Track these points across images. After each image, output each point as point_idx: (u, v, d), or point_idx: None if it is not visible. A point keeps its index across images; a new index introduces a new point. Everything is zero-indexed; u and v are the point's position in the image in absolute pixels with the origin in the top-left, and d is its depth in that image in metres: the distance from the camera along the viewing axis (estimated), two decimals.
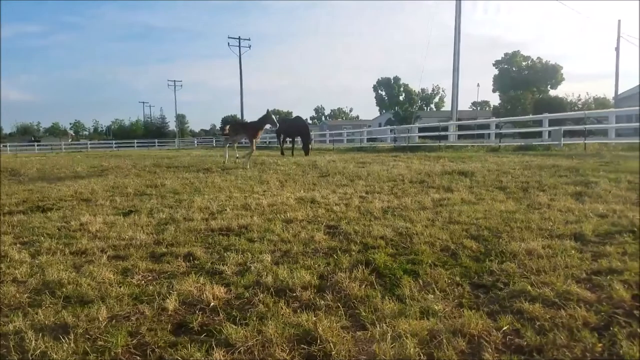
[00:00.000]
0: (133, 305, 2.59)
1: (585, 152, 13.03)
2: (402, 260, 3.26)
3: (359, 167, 10.80)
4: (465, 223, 4.33)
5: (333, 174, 9.02)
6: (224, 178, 9.03)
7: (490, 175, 7.87)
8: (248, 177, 9.14)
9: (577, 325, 2.15)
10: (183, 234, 4.23)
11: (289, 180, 8.39)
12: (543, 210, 4.77)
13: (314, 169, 10.32)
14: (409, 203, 5.49)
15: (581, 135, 15.91)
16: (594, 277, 2.73)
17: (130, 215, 5.23)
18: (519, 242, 3.53)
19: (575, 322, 2.19)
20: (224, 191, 7.09)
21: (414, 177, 8.02)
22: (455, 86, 26.81)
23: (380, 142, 31.65)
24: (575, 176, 7.06)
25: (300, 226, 4.40)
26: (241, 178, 8.84)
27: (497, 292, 2.62)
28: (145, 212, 5.44)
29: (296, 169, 10.67)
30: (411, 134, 27.21)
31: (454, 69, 25.73)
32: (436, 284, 2.76)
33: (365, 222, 4.48)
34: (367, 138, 34.21)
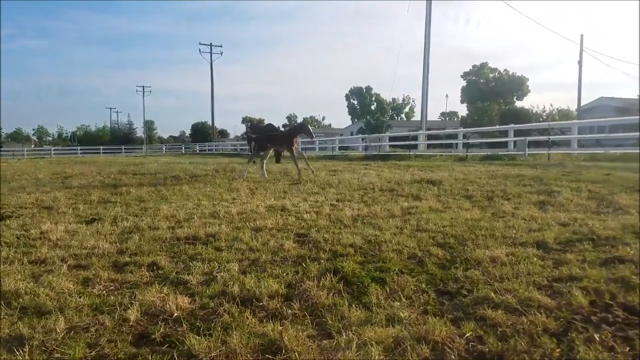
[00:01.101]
0: (93, 316, 2.51)
1: (549, 162, 13.53)
2: (370, 267, 3.29)
3: (331, 175, 10.86)
4: (433, 231, 4.41)
5: (304, 182, 9.01)
6: (192, 185, 8.89)
7: (457, 184, 8.05)
8: (217, 184, 9.03)
9: (537, 331, 2.21)
10: (147, 242, 4.14)
11: (259, 188, 8.34)
12: (507, 218, 4.91)
13: (285, 177, 10.29)
14: (379, 211, 5.56)
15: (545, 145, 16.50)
16: (555, 284, 2.82)
17: (93, 224, 5.09)
18: (484, 250, 3.62)
19: (535, 328, 2.25)
20: (192, 199, 6.98)
21: (384, 186, 8.11)
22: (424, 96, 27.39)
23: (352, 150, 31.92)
24: (539, 185, 7.31)
25: (269, 234, 4.37)
26: (210, 186, 8.72)
27: (461, 299, 2.66)
28: (109, 220, 5.29)
29: (267, 176, 10.61)
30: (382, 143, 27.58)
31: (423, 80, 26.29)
32: (403, 291, 2.79)
33: (335, 230, 4.50)
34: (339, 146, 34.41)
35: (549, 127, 18.51)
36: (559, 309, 2.44)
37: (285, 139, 11.18)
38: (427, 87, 26.66)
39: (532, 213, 5.10)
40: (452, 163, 15.48)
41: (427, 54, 26.47)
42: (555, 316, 2.35)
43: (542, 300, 2.55)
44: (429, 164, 15.06)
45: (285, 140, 11.16)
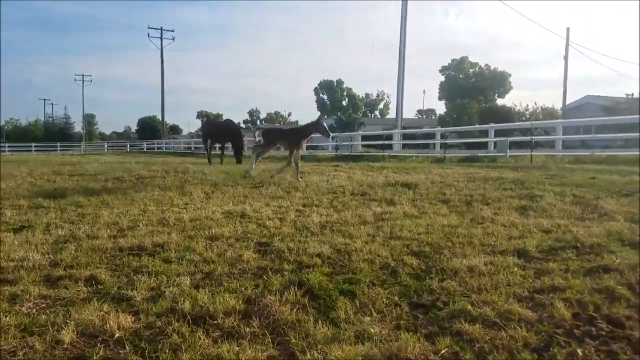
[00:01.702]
0: (21, 338, 2.42)
1: (532, 165, 14.01)
2: (338, 279, 3.31)
3: None
4: (407, 238, 4.49)
5: (267, 185, 8.99)
6: (138, 189, 8.70)
7: (434, 187, 8.22)
8: (167, 187, 8.86)
9: (517, 347, 2.28)
10: (85, 253, 4.03)
11: (216, 191, 8.25)
12: (486, 224, 5.05)
13: (246, 179, 10.23)
14: (349, 217, 5.61)
15: (528, 146, 17.08)
16: (536, 296, 2.92)
17: (22, 232, 4.91)
18: (461, 259, 3.70)
19: (515, 343, 2.31)
20: (137, 204, 6.84)
21: (356, 189, 8.19)
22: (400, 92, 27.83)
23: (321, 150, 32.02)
24: (521, 189, 7.56)
25: (226, 244, 4.33)
26: (158, 189, 8.55)
27: (436, 312, 2.72)
28: (40, 228, 5.12)
29: (225, 179, 10.51)
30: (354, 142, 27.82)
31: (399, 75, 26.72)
32: (373, 304, 2.82)
33: (301, 239, 4.51)
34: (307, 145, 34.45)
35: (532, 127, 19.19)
36: (540, 322, 2.53)
37: (297, 137, 10.85)
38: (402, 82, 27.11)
39: (513, 219, 5.26)
40: (429, 165, 15.81)
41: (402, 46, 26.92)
42: (537, 330, 2.43)
43: (523, 312, 2.63)
44: (405, 165, 15.32)
45: (297, 138, 10.84)
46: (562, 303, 2.74)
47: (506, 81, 61.27)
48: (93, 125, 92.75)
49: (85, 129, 77.67)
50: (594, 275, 3.25)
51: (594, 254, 3.77)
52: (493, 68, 61.68)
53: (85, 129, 77.17)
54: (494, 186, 8.17)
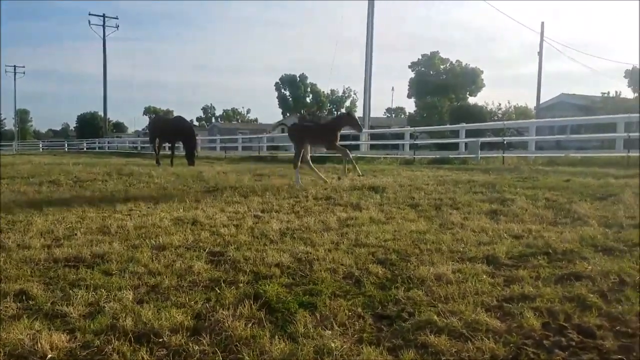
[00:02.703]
0: None
1: (504, 167, 14.43)
2: (298, 291, 3.32)
3: (256, 180, 10.82)
4: (373, 245, 4.55)
5: (222, 189, 8.91)
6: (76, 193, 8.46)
7: (402, 191, 8.35)
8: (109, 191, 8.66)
9: (484, 359, 2.34)
10: (15, 265, 3.91)
11: (164, 196, 8.12)
12: (456, 230, 5.17)
13: (199, 182, 10.11)
14: (312, 223, 5.63)
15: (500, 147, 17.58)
16: (505, 305, 3.01)
17: None
18: (429, 267, 3.78)
19: (482, 355, 2.38)
20: (75, 210, 6.67)
21: (320, 193, 8.22)
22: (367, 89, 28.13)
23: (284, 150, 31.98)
24: (491, 193, 7.77)
25: (175, 254, 4.28)
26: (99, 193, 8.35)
27: (401, 324, 2.76)
28: None
29: (175, 181, 10.35)
30: None
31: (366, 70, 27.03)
32: (335, 317, 2.84)
33: (259, 247, 4.51)
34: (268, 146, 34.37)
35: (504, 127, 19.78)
36: (508, 332, 2.60)
37: (327, 133, 10.42)
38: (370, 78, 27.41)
39: (483, 224, 5.41)
40: (397, 167, 16.03)
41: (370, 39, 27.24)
42: (505, 341, 2.50)
43: (491, 323, 2.71)
44: (372, 167, 15.48)
45: (327, 133, 10.40)
46: (531, 312, 2.83)
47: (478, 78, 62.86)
48: (26, 123, 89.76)
49: (18, 127, 74.88)
50: (565, 282, 3.38)
51: (566, 260, 3.91)
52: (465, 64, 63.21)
53: (17, 126, 74.39)
54: (464, 189, 8.37)
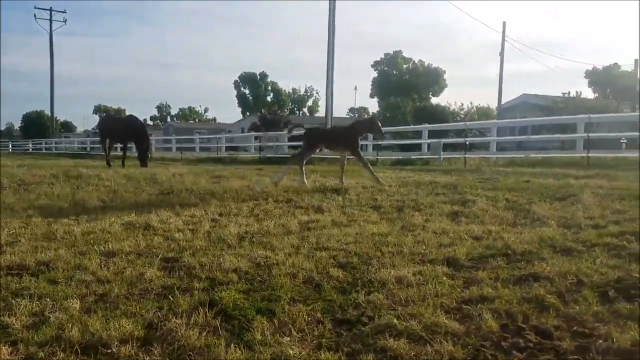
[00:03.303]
0: None
1: (465, 168, 14.78)
2: (256, 297, 3.32)
3: (214, 182, 10.72)
4: (334, 249, 4.58)
5: (178, 192, 8.80)
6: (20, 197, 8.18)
7: (365, 193, 8.45)
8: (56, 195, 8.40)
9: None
10: None
11: (115, 199, 7.96)
12: (417, 232, 5.27)
13: (153, 185, 9.94)
14: (272, 227, 5.64)
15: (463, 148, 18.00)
16: (464, 307, 3.08)
17: None
18: (389, 269, 3.84)
19: (440, 358, 2.43)
20: (19, 215, 6.47)
21: (281, 195, 8.23)
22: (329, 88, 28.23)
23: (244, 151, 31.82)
24: (453, 194, 7.95)
25: (126, 260, 4.21)
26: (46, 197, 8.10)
27: (361, 328, 2.80)
28: None
29: (127, 184, 10.14)
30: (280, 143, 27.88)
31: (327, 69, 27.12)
32: (294, 323, 2.85)
33: (216, 252, 4.48)
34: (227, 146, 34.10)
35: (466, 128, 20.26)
36: (467, 335, 2.67)
37: (348, 138, 10.22)
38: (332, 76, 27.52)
39: (444, 226, 5.53)
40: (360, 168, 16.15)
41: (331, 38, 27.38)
42: (463, 343, 2.56)
43: (450, 325, 2.77)
44: (335, 169, 15.53)
45: (348, 138, 10.20)
46: (490, 314, 2.91)
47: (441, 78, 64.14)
48: None
49: None
50: (524, 284, 3.49)
51: (525, 261, 4.03)
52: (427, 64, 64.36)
53: None
54: (426, 191, 8.53)
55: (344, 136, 10.47)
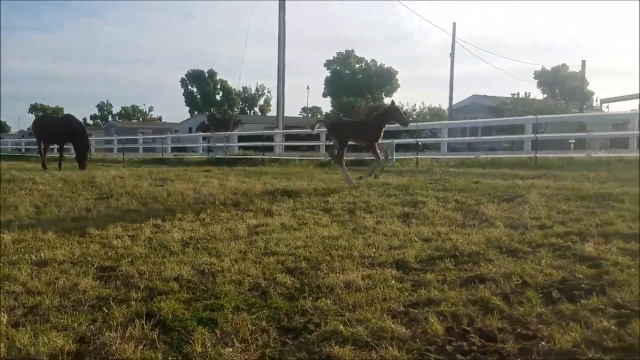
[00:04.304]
0: None
1: (417, 169, 15.06)
2: (198, 306, 3.28)
3: (158, 185, 10.49)
4: (283, 254, 4.59)
5: (118, 196, 8.56)
6: None
7: (316, 195, 8.47)
8: None
9: None
10: None
11: (49, 204, 7.67)
12: (368, 234, 5.33)
13: (91, 189, 9.63)
14: (219, 232, 5.59)
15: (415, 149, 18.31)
16: (411, 310, 3.14)
17: None
18: (338, 274, 3.87)
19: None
20: None
21: (229, 198, 8.16)
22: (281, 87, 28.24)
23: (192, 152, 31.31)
24: (404, 195, 8.07)
25: (59, 270, 4.09)
26: None
27: (307, 336, 2.81)
28: None
29: (63, 188, 9.79)
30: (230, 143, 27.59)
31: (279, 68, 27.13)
32: (237, 333, 2.83)
33: (157, 260, 4.41)
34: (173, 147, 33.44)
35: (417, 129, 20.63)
36: (413, 339, 2.72)
37: (373, 129, 10.05)
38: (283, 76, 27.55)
39: (395, 228, 5.62)
40: (313, 169, 16.23)
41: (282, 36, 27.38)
42: (409, 348, 2.61)
43: (396, 329, 2.81)
44: (287, 170, 15.57)
45: (373, 130, 10.04)
46: (436, 317, 2.97)
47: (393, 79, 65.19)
48: None
49: None
50: (470, 285, 3.58)
51: (472, 262, 4.15)
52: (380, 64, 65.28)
53: None
54: (378, 192, 8.63)
55: (368, 128, 10.36)
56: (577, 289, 3.36)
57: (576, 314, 2.95)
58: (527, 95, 49.18)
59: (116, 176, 11.99)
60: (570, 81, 58.55)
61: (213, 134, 31.86)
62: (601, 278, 3.53)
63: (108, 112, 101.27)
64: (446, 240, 4.91)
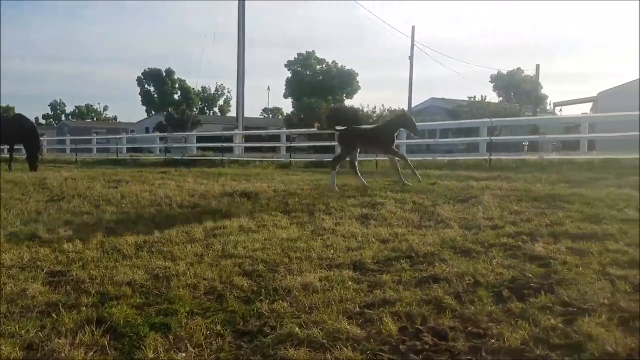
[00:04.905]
0: None
1: (377, 170, 15.21)
2: (150, 311, 3.24)
3: (111, 187, 10.27)
4: (240, 256, 4.58)
5: (70, 198, 8.35)
6: None
7: (276, 196, 8.47)
8: None
9: None
10: None
11: None
12: (327, 236, 5.37)
13: (41, 191, 9.36)
14: (174, 234, 5.54)
15: None
16: (367, 311, 3.19)
17: None
18: (296, 276, 3.89)
19: None
20: None
21: (186, 200, 8.08)
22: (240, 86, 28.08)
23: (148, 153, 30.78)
24: (364, 197, 8.16)
25: (6, 275, 3.99)
26: None
27: (262, 339, 2.81)
28: None
29: (13, 190, 9.49)
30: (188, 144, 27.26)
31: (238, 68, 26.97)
32: (191, 338, 2.81)
33: (109, 264, 4.34)
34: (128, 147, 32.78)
35: None
36: (367, 339, 2.76)
37: (384, 136, 10.18)
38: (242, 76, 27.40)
39: (354, 229, 5.67)
40: (273, 170, 16.20)
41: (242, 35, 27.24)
42: (362, 348, 2.65)
43: (352, 330, 2.85)
44: (246, 171, 15.48)
45: (383, 137, 10.16)
46: (390, 317, 3.03)
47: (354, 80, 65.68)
48: None
49: None
50: (424, 285, 3.66)
51: (427, 263, 4.23)
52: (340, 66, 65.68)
53: None
54: (338, 194, 8.69)
55: (379, 136, 10.52)
56: (527, 287, 3.48)
57: (525, 312, 3.06)
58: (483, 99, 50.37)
59: (68, 177, 11.69)
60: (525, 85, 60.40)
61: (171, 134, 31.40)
62: (550, 277, 3.66)
63: (61, 111, 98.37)
64: (403, 241, 4.99)
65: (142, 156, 27.04)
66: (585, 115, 24.50)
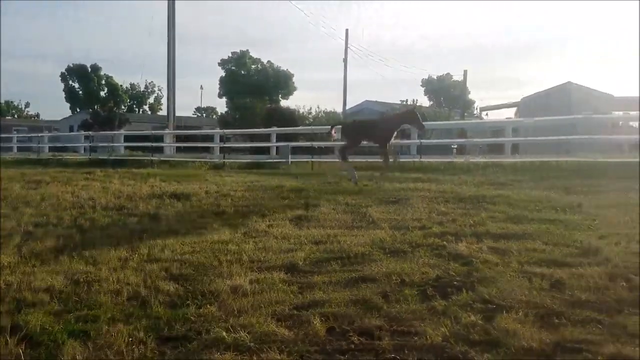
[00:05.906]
0: None
1: (312, 172, 15.32)
2: (70, 318, 3.14)
3: (30, 188, 9.81)
4: (168, 260, 4.50)
5: None
6: None
7: (208, 198, 8.36)
8: None
9: None
10: None
11: None
12: (259, 238, 5.36)
13: None
14: (97, 238, 5.39)
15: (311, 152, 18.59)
16: (296, 313, 3.21)
17: None
18: (226, 279, 3.86)
19: None
20: None
21: (111, 202, 7.86)
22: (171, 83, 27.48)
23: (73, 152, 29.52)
24: (298, 198, 8.19)
25: None
26: None
27: (187, 345, 2.78)
28: None
29: None
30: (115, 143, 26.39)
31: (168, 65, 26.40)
32: (112, 346, 2.74)
33: (27, 270, 4.17)
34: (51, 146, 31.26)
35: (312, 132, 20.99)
36: (295, 341, 2.79)
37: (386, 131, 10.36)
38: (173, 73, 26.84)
39: (287, 231, 5.69)
40: (206, 171, 15.94)
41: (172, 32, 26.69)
42: (290, 350, 2.67)
43: (280, 333, 2.87)
44: (177, 172, 15.15)
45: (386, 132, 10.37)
46: (319, 318, 3.06)
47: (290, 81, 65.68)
48: None
49: None
50: (354, 286, 3.72)
51: (357, 263, 4.32)
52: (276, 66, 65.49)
53: None
54: (272, 195, 8.69)
55: (382, 130, 10.68)
56: (450, 286, 3.62)
57: (447, 309, 3.18)
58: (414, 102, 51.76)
59: None
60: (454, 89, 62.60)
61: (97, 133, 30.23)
62: (471, 275, 3.83)
63: None
64: (335, 243, 5.06)
65: (65, 156, 25.87)
66: (509, 120, 25.67)
